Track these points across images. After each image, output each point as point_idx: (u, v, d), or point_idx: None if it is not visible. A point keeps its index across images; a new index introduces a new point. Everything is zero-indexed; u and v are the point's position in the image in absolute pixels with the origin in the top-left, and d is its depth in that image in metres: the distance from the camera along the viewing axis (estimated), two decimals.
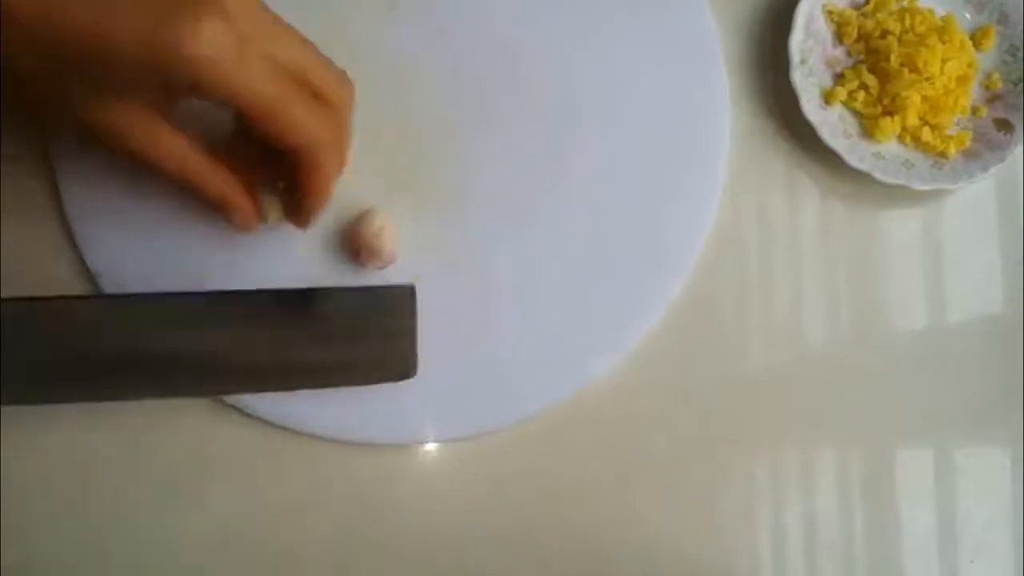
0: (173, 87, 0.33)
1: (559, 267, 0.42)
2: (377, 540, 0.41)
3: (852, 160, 0.43)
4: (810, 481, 0.43)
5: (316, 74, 0.35)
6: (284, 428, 0.41)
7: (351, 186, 0.40)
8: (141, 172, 0.40)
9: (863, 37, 0.46)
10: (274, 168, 0.38)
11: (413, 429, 0.41)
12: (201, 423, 0.41)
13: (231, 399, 0.40)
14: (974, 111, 0.46)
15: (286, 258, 0.41)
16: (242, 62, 0.32)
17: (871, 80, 0.45)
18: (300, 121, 0.34)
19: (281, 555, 0.40)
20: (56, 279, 0.41)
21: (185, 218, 0.41)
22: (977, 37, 0.46)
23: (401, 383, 0.40)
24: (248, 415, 0.41)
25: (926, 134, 0.45)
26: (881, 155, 0.44)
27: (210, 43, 0.31)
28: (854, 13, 0.46)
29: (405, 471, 0.41)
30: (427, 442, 0.42)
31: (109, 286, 0.41)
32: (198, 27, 0.31)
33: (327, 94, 0.35)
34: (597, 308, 0.42)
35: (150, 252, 0.41)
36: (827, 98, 0.45)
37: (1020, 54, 0.46)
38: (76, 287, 0.41)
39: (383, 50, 0.36)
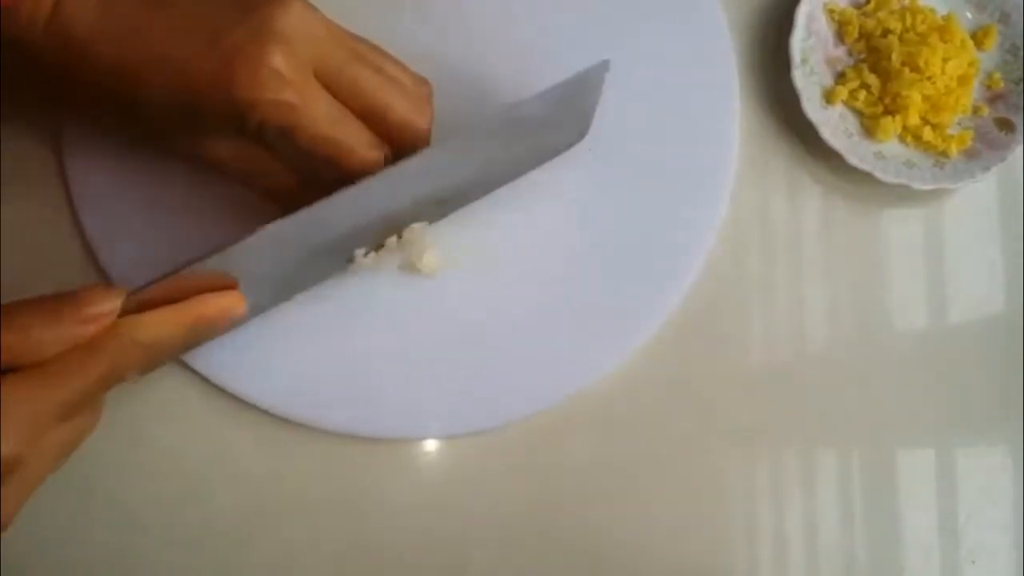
0: (241, 124, 0.33)
1: (566, 265, 0.42)
2: (378, 535, 0.41)
3: (853, 160, 0.43)
4: (810, 480, 0.43)
5: (385, 104, 0.35)
6: (289, 421, 0.41)
7: None
8: (150, 161, 0.41)
9: (864, 36, 0.46)
10: None
11: (416, 425, 0.41)
12: (200, 414, 0.41)
13: (230, 389, 0.40)
14: (975, 110, 0.46)
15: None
16: (304, 106, 0.33)
17: (872, 79, 0.45)
18: (357, 162, 0.35)
19: (282, 550, 0.40)
20: (63, 267, 0.41)
21: (195, 205, 0.41)
22: (978, 36, 0.46)
23: (404, 380, 0.40)
24: (248, 405, 0.41)
25: (927, 133, 0.45)
26: (882, 154, 0.44)
27: (274, 86, 0.32)
28: (855, 12, 0.46)
29: (407, 467, 0.41)
30: (430, 438, 0.42)
31: (117, 276, 0.41)
32: (257, 68, 0.32)
33: (393, 126, 0.35)
34: (602, 307, 0.42)
35: (159, 239, 0.41)
36: (828, 97, 0.45)
37: (1021, 53, 0.46)
38: (83, 275, 0.41)
39: (395, 50, 0.37)
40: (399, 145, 0.36)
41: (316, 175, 0.36)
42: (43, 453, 0.29)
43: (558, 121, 0.40)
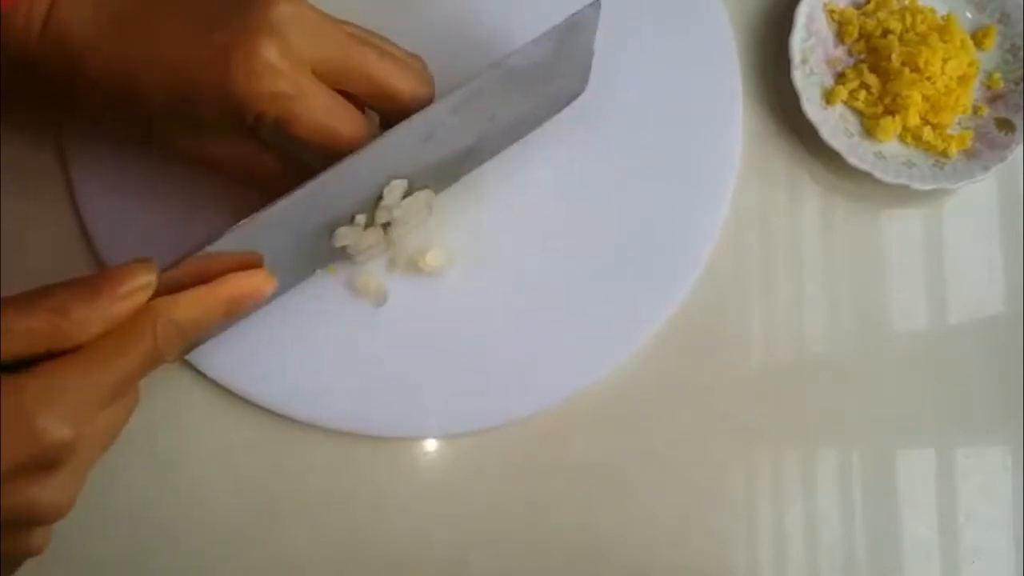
0: (239, 117, 0.33)
1: (568, 266, 0.42)
2: (378, 533, 0.41)
3: (853, 160, 0.43)
4: (811, 481, 0.43)
5: (387, 80, 0.35)
6: (289, 419, 0.41)
7: None
8: (152, 160, 0.41)
9: (864, 36, 0.46)
10: None
11: (416, 424, 0.41)
12: (201, 412, 0.41)
13: (231, 387, 0.40)
14: (975, 110, 0.46)
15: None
16: (301, 95, 0.33)
17: (872, 79, 0.45)
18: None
19: (283, 547, 0.40)
20: (64, 265, 0.41)
21: (197, 204, 0.41)
22: (978, 36, 0.46)
23: (404, 379, 0.40)
24: (249, 403, 0.41)
25: (927, 133, 0.45)
26: (882, 155, 0.44)
27: (269, 78, 0.32)
28: (855, 12, 0.46)
29: (407, 466, 0.41)
30: (430, 437, 0.42)
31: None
32: (252, 60, 0.32)
33: (398, 100, 0.35)
34: (603, 307, 0.42)
35: (161, 237, 0.41)
36: (828, 97, 0.45)
37: (1021, 53, 0.46)
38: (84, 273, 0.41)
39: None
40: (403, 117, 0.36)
41: (316, 171, 0.36)
42: (93, 438, 0.29)
43: (555, 70, 0.39)
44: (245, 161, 0.37)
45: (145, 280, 0.30)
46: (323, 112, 0.34)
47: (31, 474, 0.28)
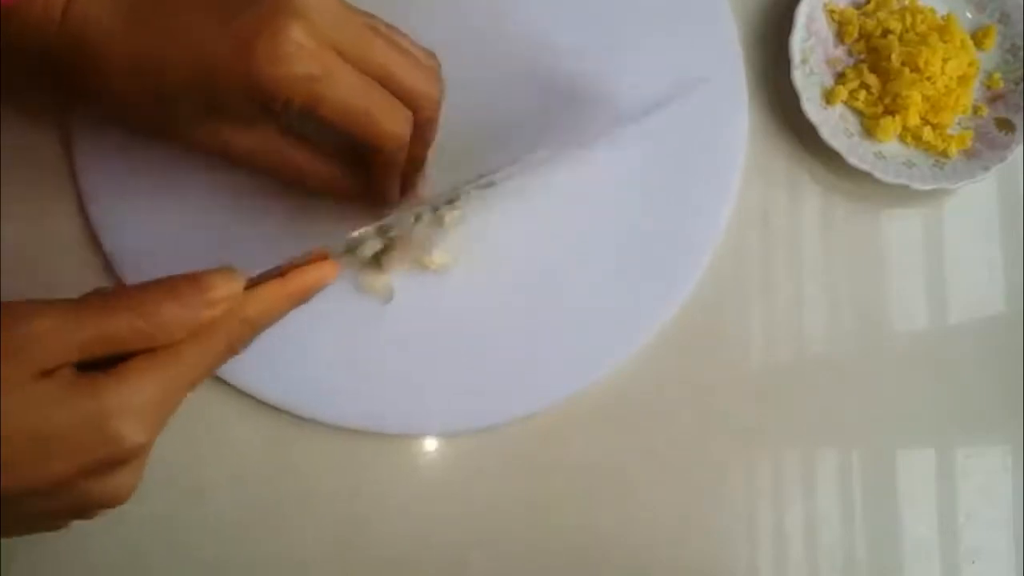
0: (266, 104, 0.33)
1: (570, 266, 0.42)
2: (378, 531, 0.41)
3: (853, 160, 0.43)
4: (811, 481, 0.43)
5: (402, 76, 0.35)
6: (291, 415, 0.41)
7: None
8: (157, 150, 0.40)
9: (864, 36, 0.46)
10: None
11: (417, 423, 0.41)
12: (204, 408, 0.41)
13: (234, 383, 0.40)
14: (975, 110, 0.46)
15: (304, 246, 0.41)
16: (330, 77, 0.32)
17: (872, 79, 0.45)
18: (386, 131, 0.34)
19: (283, 545, 0.40)
20: (66, 255, 0.41)
21: (201, 193, 0.41)
22: (978, 36, 0.46)
23: (406, 377, 0.41)
24: (251, 398, 0.41)
25: (927, 133, 0.45)
26: (882, 155, 0.44)
27: (297, 61, 0.31)
28: (855, 12, 0.46)
29: (408, 464, 0.42)
30: (431, 436, 0.42)
31: (121, 264, 0.41)
32: (277, 43, 0.31)
33: (411, 97, 0.35)
34: (605, 308, 0.42)
35: (164, 227, 0.41)
36: (828, 97, 0.45)
37: (1021, 53, 0.46)
38: (86, 263, 0.41)
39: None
40: (413, 112, 0.36)
41: (343, 157, 0.36)
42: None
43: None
44: (272, 152, 0.37)
45: (232, 290, 0.30)
46: (350, 92, 0.33)
47: (102, 472, 0.28)
